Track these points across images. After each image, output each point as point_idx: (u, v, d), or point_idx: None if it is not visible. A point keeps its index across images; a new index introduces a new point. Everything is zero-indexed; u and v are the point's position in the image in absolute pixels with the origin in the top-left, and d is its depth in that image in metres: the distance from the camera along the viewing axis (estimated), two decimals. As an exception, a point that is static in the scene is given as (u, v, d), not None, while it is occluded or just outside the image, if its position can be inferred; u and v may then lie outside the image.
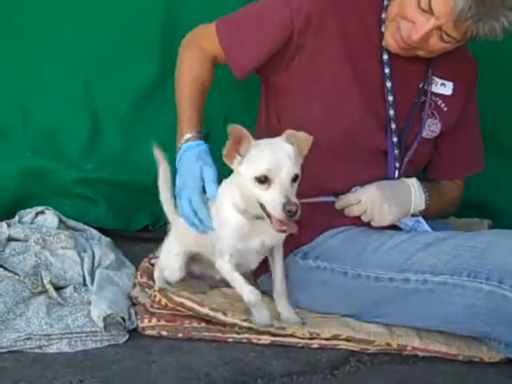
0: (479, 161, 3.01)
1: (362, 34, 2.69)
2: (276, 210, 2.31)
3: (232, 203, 2.50)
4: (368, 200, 2.64)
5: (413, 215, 2.75)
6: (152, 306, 2.67)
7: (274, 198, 2.32)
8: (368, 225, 2.70)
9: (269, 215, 2.37)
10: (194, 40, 2.79)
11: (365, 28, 2.70)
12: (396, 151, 2.73)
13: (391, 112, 2.71)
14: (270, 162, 2.34)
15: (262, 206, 2.38)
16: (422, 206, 2.74)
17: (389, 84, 2.70)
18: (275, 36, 2.65)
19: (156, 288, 2.71)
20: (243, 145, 2.39)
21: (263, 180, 2.33)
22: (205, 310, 2.60)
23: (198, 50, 2.76)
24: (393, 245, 2.61)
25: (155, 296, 2.66)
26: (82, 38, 3.38)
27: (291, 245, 2.69)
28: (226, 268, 2.57)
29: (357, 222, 2.72)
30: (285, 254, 2.67)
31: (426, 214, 2.78)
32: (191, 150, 2.59)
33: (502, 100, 3.46)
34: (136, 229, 3.51)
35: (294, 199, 2.32)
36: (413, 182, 2.74)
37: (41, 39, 3.39)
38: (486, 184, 3.45)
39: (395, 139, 2.72)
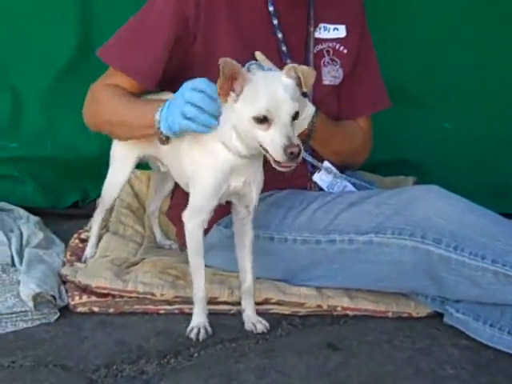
0: (380, 98, 2.94)
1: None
2: (277, 153, 2.15)
3: (222, 142, 2.31)
4: None
5: (328, 171, 2.75)
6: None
7: (274, 140, 2.16)
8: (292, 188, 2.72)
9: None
10: (100, 85, 2.64)
11: None
12: None
13: (288, 62, 2.61)
14: (269, 100, 2.16)
15: (262, 146, 2.21)
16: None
17: (280, 35, 2.67)
18: (170, 33, 2.55)
19: (79, 279, 2.66)
20: (238, 81, 2.19)
21: (262, 120, 2.16)
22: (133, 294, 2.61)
23: (110, 87, 2.60)
24: (317, 206, 2.62)
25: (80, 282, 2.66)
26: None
27: (214, 218, 2.63)
28: (195, 234, 2.42)
29: (283, 186, 2.73)
30: (211, 226, 2.65)
31: (334, 153, 2.78)
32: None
33: (411, 52, 3.49)
34: (65, 206, 3.48)
35: (296, 140, 2.15)
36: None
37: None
38: (407, 139, 3.49)
39: None
